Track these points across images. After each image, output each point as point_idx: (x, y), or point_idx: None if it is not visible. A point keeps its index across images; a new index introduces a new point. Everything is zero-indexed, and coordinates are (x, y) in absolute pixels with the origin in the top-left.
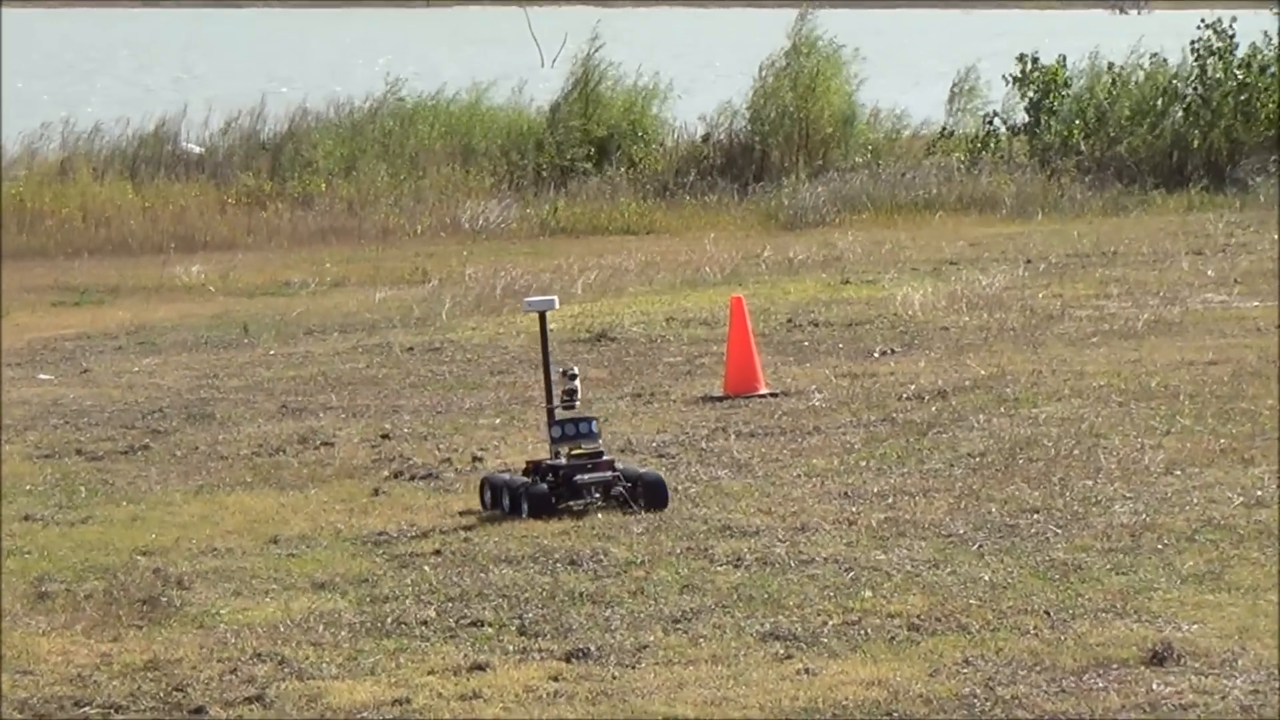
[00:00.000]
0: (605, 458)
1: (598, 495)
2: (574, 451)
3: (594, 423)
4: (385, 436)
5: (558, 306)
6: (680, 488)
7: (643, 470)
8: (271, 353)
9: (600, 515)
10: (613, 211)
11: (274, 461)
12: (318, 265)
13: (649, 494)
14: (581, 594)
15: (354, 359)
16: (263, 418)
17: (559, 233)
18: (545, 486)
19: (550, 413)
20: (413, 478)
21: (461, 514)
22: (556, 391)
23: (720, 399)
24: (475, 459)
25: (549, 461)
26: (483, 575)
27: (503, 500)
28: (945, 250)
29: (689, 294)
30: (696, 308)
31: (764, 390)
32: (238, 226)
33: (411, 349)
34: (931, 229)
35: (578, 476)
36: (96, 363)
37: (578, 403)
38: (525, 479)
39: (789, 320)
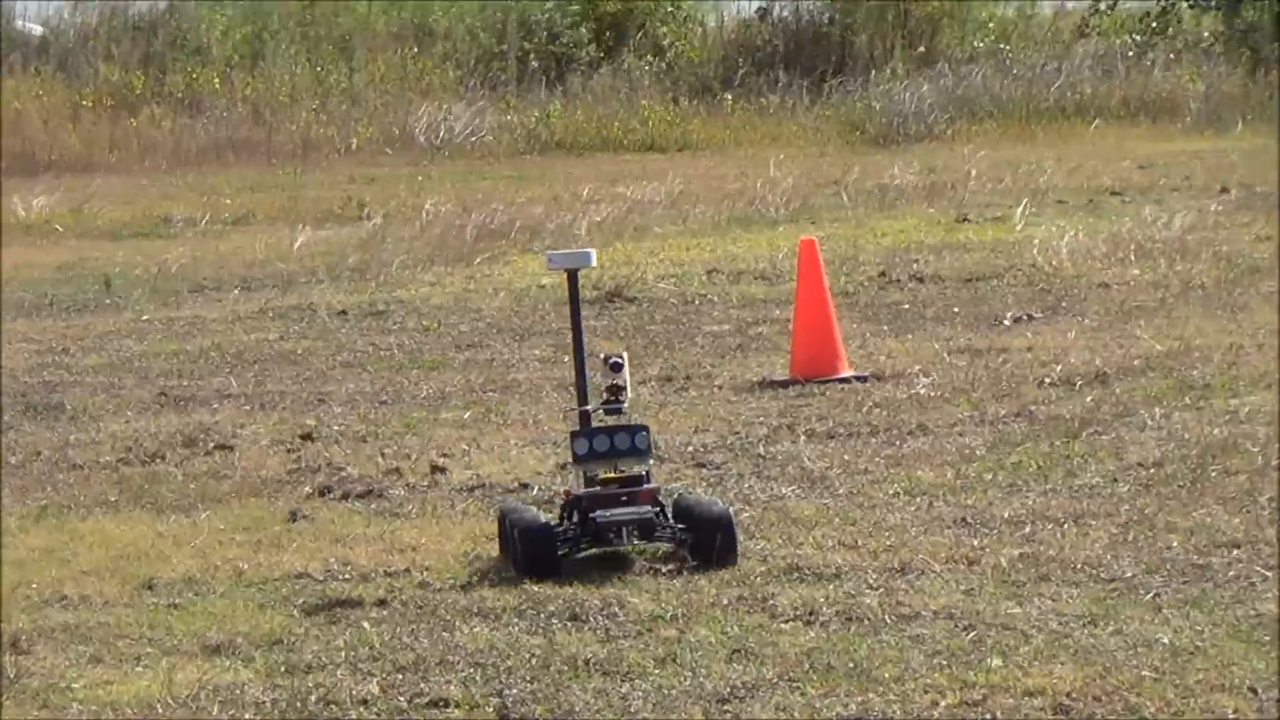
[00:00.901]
0: (648, 485)
1: (631, 541)
2: (604, 476)
3: (644, 434)
4: (307, 437)
5: (594, 263)
6: (731, 510)
7: (710, 504)
8: (145, 318)
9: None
10: (630, 120)
11: (149, 473)
12: (210, 195)
13: (716, 539)
14: (588, 662)
15: (262, 327)
16: (133, 410)
17: (553, 149)
18: (544, 526)
19: (583, 418)
20: (346, 496)
21: (415, 549)
22: (592, 387)
23: (785, 384)
24: (435, 469)
25: (575, 491)
26: (446, 635)
27: (508, 546)
28: (1104, 175)
29: (740, 236)
30: (751, 256)
31: (847, 373)
32: (97, 140)
33: (344, 313)
34: (1085, 145)
35: (597, 514)
36: None
37: (625, 403)
38: (538, 519)
39: (882, 274)
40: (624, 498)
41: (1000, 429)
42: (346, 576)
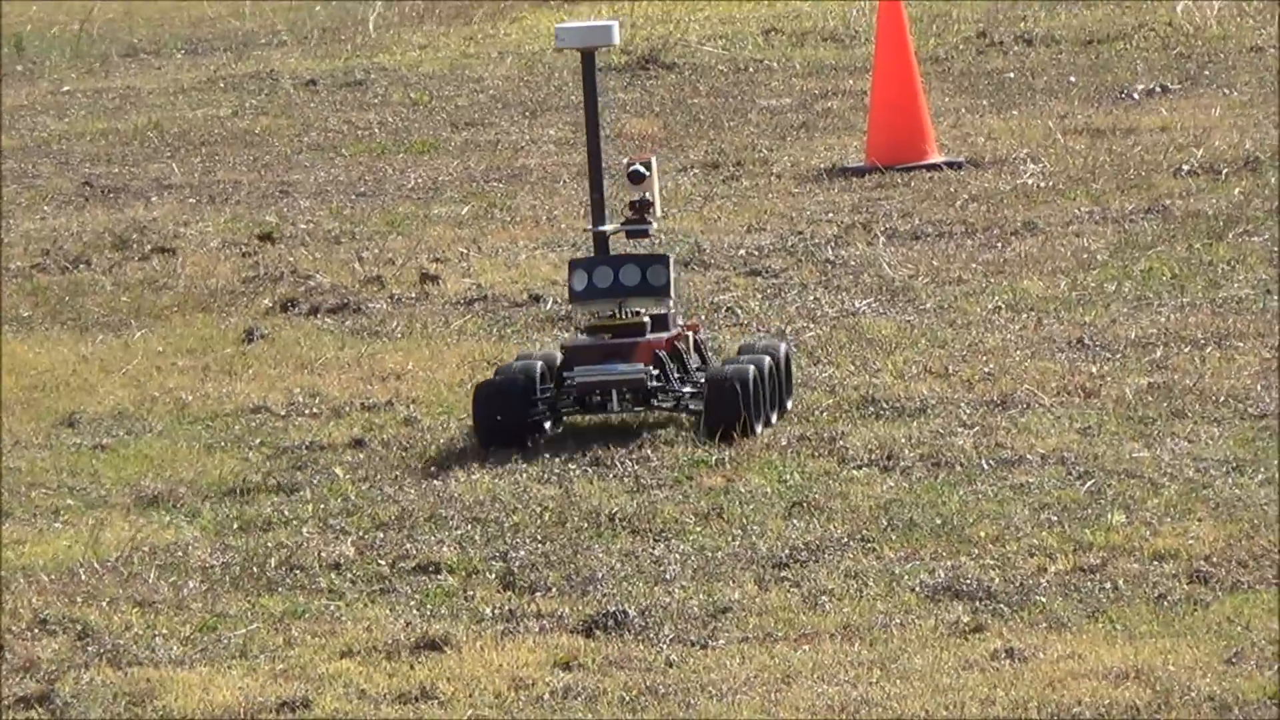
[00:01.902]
0: (661, 334)
1: (623, 407)
2: (595, 323)
3: (660, 267)
4: (266, 238)
5: (616, 40)
6: (790, 330)
7: (731, 369)
8: (65, 89)
9: None
10: None
11: (70, 281)
12: None
13: (720, 410)
14: (613, 518)
15: (211, 101)
16: (50, 204)
17: None
18: (510, 383)
19: (599, 241)
20: (314, 310)
21: (400, 376)
22: (612, 201)
23: (860, 172)
24: (425, 277)
25: (569, 342)
26: (438, 485)
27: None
28: None
29: None
30: (818, 11)
31: (937, 158)
32: None
33: (313, 83)
34: None
35: (576, 371)
36: None
37: (653, 224)
38: (516, 376)
39: (981, 34)
40: (617, 350)
41: (1126, 228)
42: (314, 411)
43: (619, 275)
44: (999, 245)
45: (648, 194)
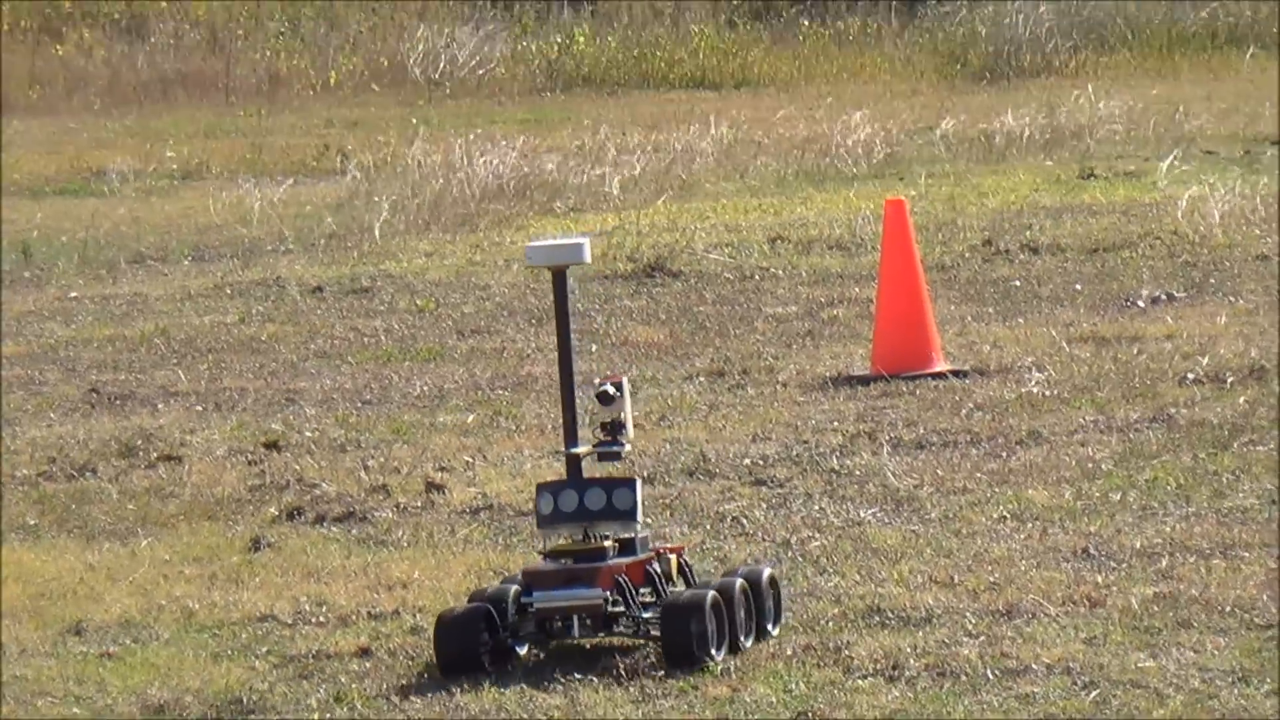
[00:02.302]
0: (617, 559)
1: (584, 634)
2: (554, 546)
3: (626, 491)
4: (272, 446)
5: (587, 258)
6: (794, 539)
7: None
8: (72, 296)
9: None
10: (675, 48)
11: (76, 489)
12: (154, 142)
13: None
14: None
15: (217, 308)
16: (56, 411)
17: (579, 85)
18: (472, 610)
19: (571, 463)
20: (321, 519)
21: (406, 585)
22: (584, 421)
23: (865, 380)
24: (431, 486)
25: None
26: (444, 695)
27: None
28: (1266, 118)
29: (811, 196)
30: (823, 220)
31: (942, 366)
32: (13, 72)
33: (319, 290)
34: (1240, 82)
35: (534, 596)
36: None
37: (625, 446)
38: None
39: (987, 243)
40: (576, 575)
41: (1131, 437)
42: (321, 619)
43: (584, 499)
44: (1004, 454)
45: (618, 414)
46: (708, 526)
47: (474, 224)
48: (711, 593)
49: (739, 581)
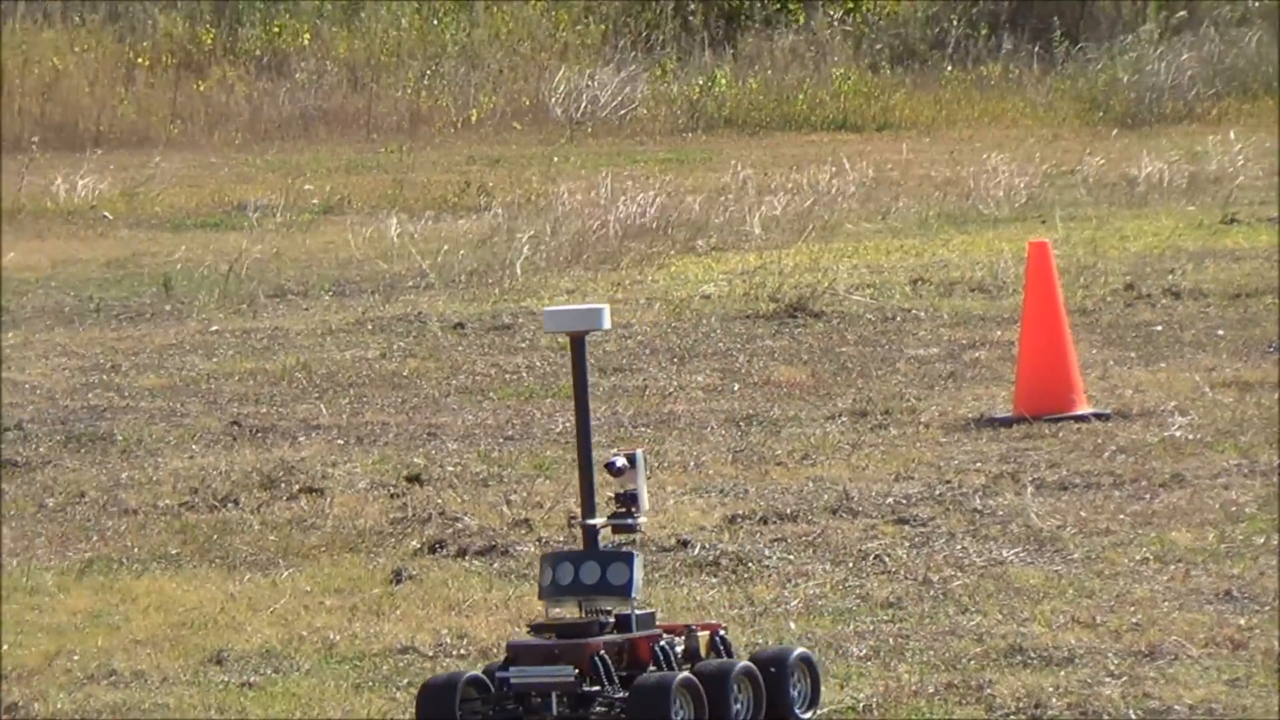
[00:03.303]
0: (596, 637)
1: (562, 711)
2: (548, 620)
3: (621, 565)
4: (415, 480)
5: (607, 325)
6: (936, 578)
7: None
8: (214, 329)
9: (794, 623)
10: (818, 91)
11: (218, 520)
12: (294, 177)
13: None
14: None
15: (359, 343)
16: (199, 443)
17: (721, 126)
18: (452, 680)
19: (588, 534)
20: (462, 553)
21: None
22: (600, 493)
23: (1008, 422)
24: (573, 522)
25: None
26: None
27: None
28: None
29: (952, 238)
30: (965, 262)
31: (1085, 409)
32: (155, 108)
33: (460, 326)
34: None
35: (510, 672)
36: None
37: (640, 518)
38: (462, 673)
39: (1128, 287)
40: (554, 652)
41: (1275, 482)
42: (462, 652)
43: (579, 572)
44: (1147, 497)
45: (631, 484)
46: (850, 564)
47: (615, 262)
48: (682, 675)
49: (740, 665)
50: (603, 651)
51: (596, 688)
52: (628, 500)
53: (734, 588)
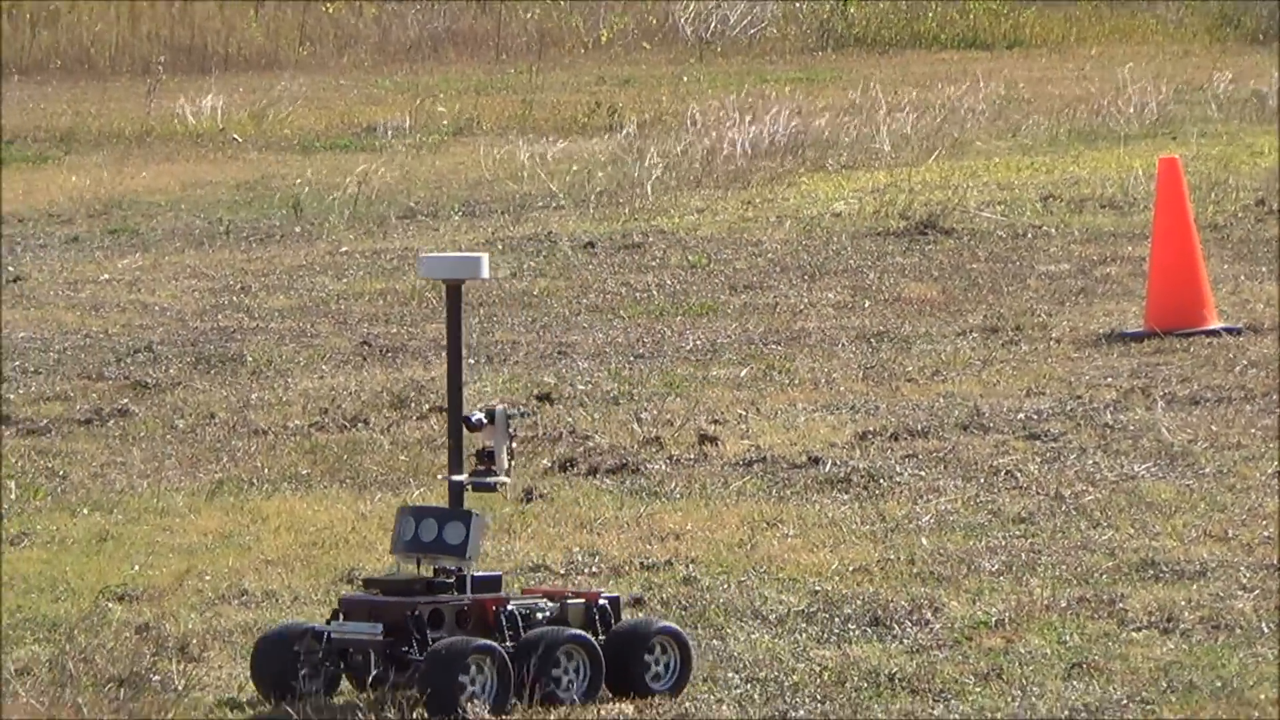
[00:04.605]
0: (419, 597)
1: (374, 667)
2: (382, 576)
3: (457, 525)
4: (545, 399)
5: (485, 274)
6: (1068, 493)
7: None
8: (343, 250)
9: (926, 539)
10: (947, 8)
11: (348, 440)
12: (424, 99)
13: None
14: (892, 678)
15: (489, 262)
16: (329, 364)
17: (851, 45)
18: (286, 630)
19: (452, 490)
20: (593, 471)
21: (679, 536)
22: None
23: (1139, 337)
24: (704, 439)
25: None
26: (718, 644)
27: None
28: None
29: (1083, 154)
30: (1096, 179)
31: (1216, 324)
32: (283, 30)
33: (591, 246)
34: None
35: (331, 627)
36: (35, 265)
37: (505, 478)
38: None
39: (1260, 202)
40: (377, 609)
41: None
42: (594, 570)
43: (419, 529)
44: (1278, 411)
45: (490, 441)
46: (981, 480)
47: (746, 180)
48: (479, 642)
49: (569, 633)
50: (419, 612)
51: (408, 649)
52: (486, 458)
53: (865, 504)
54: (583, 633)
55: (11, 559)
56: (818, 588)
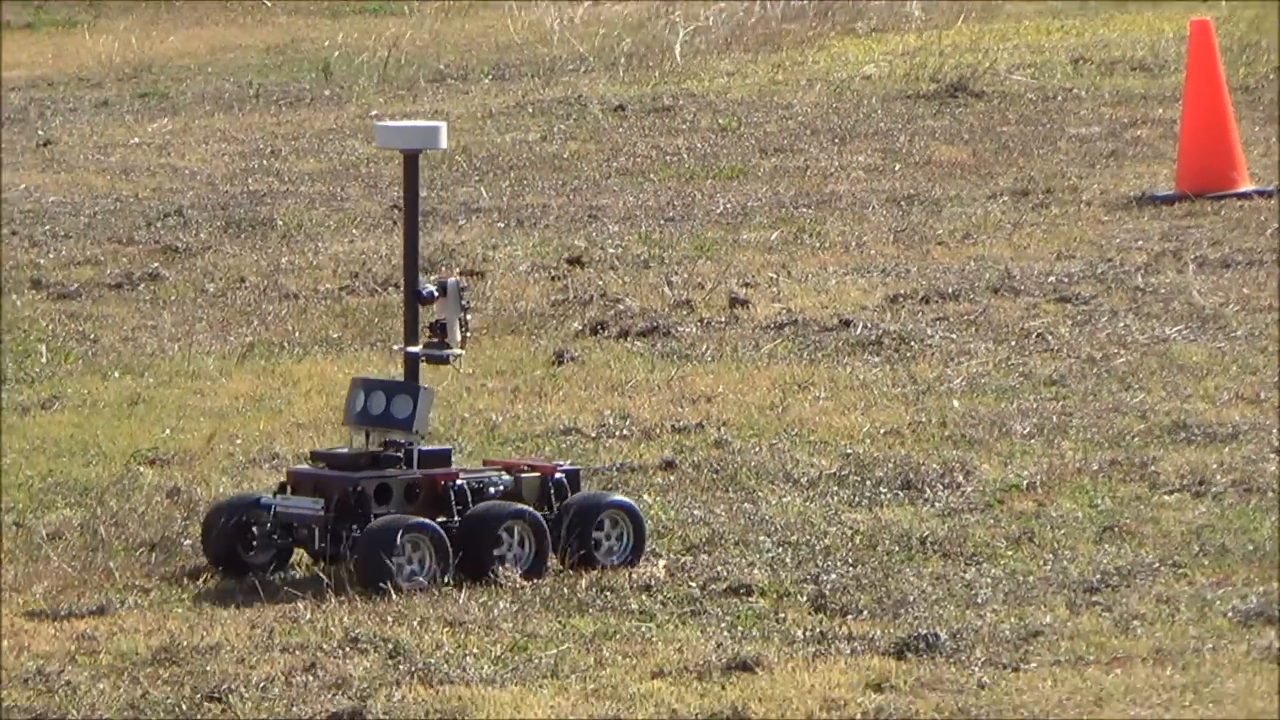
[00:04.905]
0: (362, 473)
1: (317, 543)
2: (325, 450)
3: (405, 399)
4: (575, 262)
5: (444, 145)
6: (1099, 356)
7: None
8: (373, 114)
9: (957, 402)
10: None
11: (378, 303)
12: None
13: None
14: (924, 541)
15: (519, 125)
16: (359, 227)
17: None
18: (238, 503)
19: (408, 362)
20: (624, 334)
21: (710, 399)
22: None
23: (1170, 200)
24: (735, 302)
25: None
26: (749, 507)
27: None
28: None
29: (1113, 16)
30: (1126, 41)
31: (1247, 186)
32: None
33: (621, 108)
34: None
35: (276, 501)
36: (65, 129)
37: (458, 350)
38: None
39: None
40: (320, 484)
41: None
42: (625, 433)
43: (368, 402)
44: None
45: (442, 314)
46: (1012, 343)
47: (776, 43)
48: (415, 520)
49: (513, 508)
50: (361, 488)
51: (352, 525)
52: (439, 330)
53: (896, 366)
54: (526, 507)
55: (42, 422)
56: (849, 450)
